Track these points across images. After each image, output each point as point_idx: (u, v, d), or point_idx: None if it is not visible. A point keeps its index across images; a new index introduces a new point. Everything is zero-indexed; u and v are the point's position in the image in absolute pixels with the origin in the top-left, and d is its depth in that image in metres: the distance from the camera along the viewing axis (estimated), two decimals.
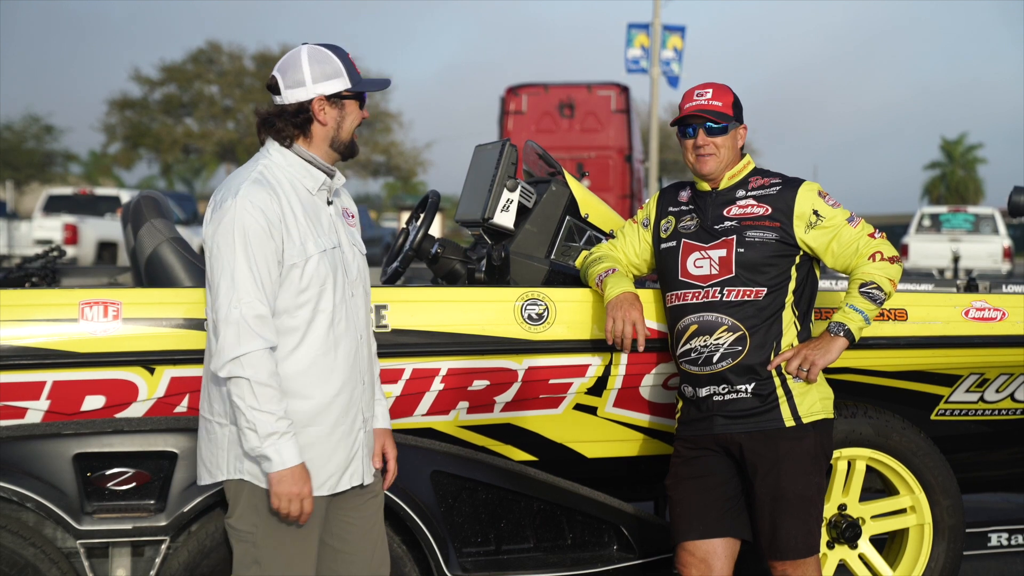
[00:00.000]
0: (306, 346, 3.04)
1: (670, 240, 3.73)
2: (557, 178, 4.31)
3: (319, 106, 3.08)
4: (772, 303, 3.58)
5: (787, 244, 3.60)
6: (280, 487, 2.95)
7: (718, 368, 3.58)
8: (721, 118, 3.65)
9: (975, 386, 4.33)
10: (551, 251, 4.20)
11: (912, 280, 5.63)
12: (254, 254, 2.96)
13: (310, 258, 3.04)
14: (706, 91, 3.70)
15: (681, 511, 3.65)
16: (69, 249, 19.45)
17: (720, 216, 3.65)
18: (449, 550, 3.77)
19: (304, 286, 3.03)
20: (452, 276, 4.38)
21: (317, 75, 3.07)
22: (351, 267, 3.19)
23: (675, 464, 3.71)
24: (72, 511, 3.50)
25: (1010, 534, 4.62)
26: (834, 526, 4.22)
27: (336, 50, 3.13)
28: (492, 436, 4.03)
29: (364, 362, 3.20)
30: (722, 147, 3.66)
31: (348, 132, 3.13)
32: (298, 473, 2.96)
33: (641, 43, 27.30)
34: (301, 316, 3.04)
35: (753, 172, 3.72)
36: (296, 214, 3.05)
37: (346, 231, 3.22)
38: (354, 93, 3.12)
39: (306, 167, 3.11)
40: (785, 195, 3.63)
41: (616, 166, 18.72)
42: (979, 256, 21.41)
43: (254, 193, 3.00)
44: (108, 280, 5.36)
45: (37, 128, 42.82)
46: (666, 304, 3.73)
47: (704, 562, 3.60)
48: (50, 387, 3.56)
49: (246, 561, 3.09)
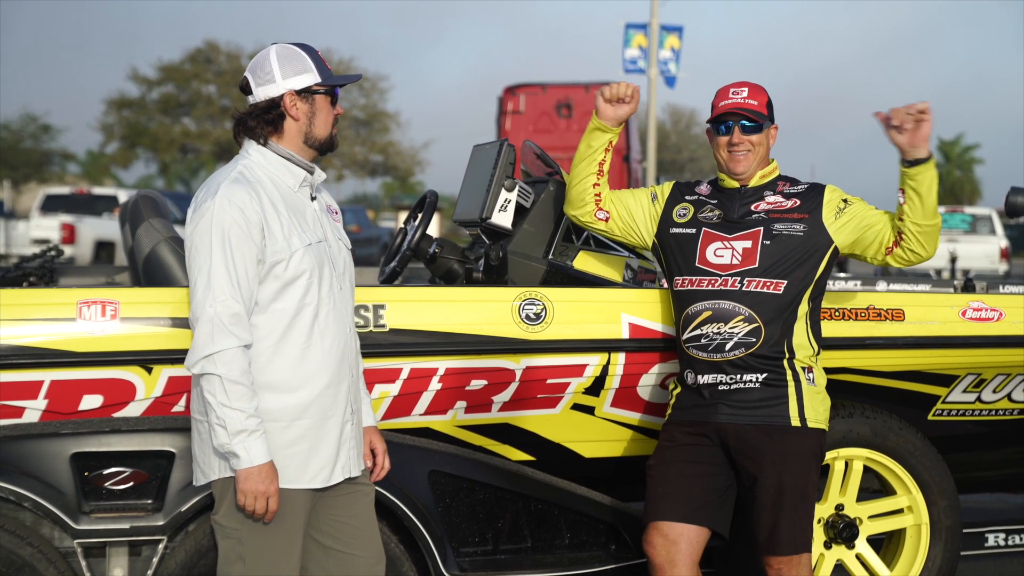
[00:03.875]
0: (292, 339, 3.07)
1: (688, 227, 3.73)
2: (555, 178, 4.31)
3: (290, 101, 3.11)
4: (791, 298, 3.59)
5: (814, 237, 3.61)
6: (246, 484, 2.98)
7: (729, 356, 3.57)
8: (757, 116, 3.68)
9: (972, 386, 4.33)
10: (549, 251, 4.20)
11: (909, 280, 5.64)
12: (231, 253, 2.98)
13: (295, 252, 3.06)
14: (742, 89, 3.72)
15: (663, 492, 3.61)
16: (67, 248, 19.42)
17: (748, 211, 3.68)
18: (447, 550, 3.78)
19: (289, 279, 3.06)
20: (450, 276, 4.38)
21: (287, 71, 3.11)
22: (338, 261, 3.21)
23: (665, 447, 3.69)
24: (69, 510, 3.50)
25: (1007, 534, 4.63)
26: (831, 526, 4.22)
27: (305, 48, 3.17)
28: (490, 436, 4.03)
29: (352, 355, 3.22)
30: (757, 146, 3.69)
31: (322, 127, 3.16)
32: (265, 471, 2.98)
33: (639, 43, 27.30)
34: (286, 309, 3.06)
35: (780, 176, 3.78)
36: (278, 210, 3.08)
37: (331, 226, 3.25)
38: (325, 88, 3.15)
39: (285, 164, 3.15)
40: (813, 191, 3.71)
41: (614, 166, 18.53)
42: (976, 256, 21.42)
43: (233, 192, 3.02)
44: (106, 279, 5.37)
45: (35, 127, 42.85)
46: (675, 287, 3.72)
47: (674, 544, 3.55)
48: (48, 386, 3.56)
49: (231, 557, 3.10)
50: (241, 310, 2.98)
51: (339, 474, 3.15)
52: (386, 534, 3.69)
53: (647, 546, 3.61)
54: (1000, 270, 21.63)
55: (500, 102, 19.32)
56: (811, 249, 3.61)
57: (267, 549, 3.09)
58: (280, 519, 3.08)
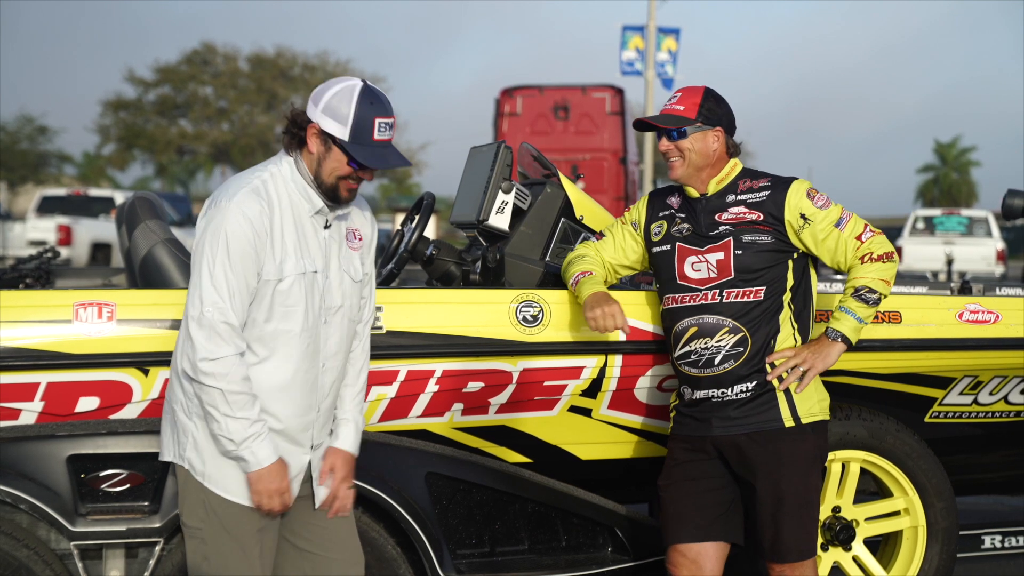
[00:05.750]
0: (268, 365, 3.05)
1: (663, 244, 3.71)
2: (552, 180, 4.31)
3: (312, 132, 3.06)
4: (771, 303, 3.58)
5: (783, 243, 3.60)
6: (259, 485, 3.02)
7: (720, 370, 3.57)
8: (675, 122, 3.60)
9: (969, 389, 4.33)
10: (546, 253, 4.20)
11: (906, 283, 5.64)
12: (234, 262, 2.98)
13: (284, 279, 3.05)
14: (676, 94, 3.66)
15: (675, 512, 3.64)
16: (63, 250, 19.41)
17: (713, 222, 3.62)
18: (444, 552, 3.77)
19: (272, 304, 3.05)
20: (447, 278, 4.38)
21: (328, 107, 3.03)
22: (333, 293, 3.16)
23: (669, 466, 3.71)
24: (66, 512, 3.50)
25: (1003, 536, 4.63)
26: (828, 528, 4.22)
27: (373, 99, 3.04)
28: (487, 438, 4.03)
29: (325, 389, 3.18)
30: (688, 151, 3.60)
31: (329, 175, 3.08)
32: (275, 470, 3.02)
33: (636, 45, 27.28)
34: (265, 334, 3.05)
35: (741, 175, 3.68)
36: (284, 232, 3.06)
37: (341, 255, 3.18)
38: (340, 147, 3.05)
39: (307, 190, 3.10)
40: (775, 198, 3.60)
41: (611, 168, 18.72)
42: (973, 259, 21.41)
43: (248, 203, 3.01)
44: (102, 281, 5.35)
45: (31, 129, 42.73)
46: (663, 307, 3.73)
47: (695, 563, 3.60)
48: (44, 388, 3.55)
49: (197, 558, 3.12)
50: (235, 320, 2.98)
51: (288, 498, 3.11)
52: (383, 536, 3.69)
53: (672, 567, 3.64)
54: (997, 272, 21.63)
55: (497, 104, 19.29)
56: (781, 253, 3.60)
57: (231, 550, 3.10)
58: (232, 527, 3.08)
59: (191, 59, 43.39)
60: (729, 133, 3.67)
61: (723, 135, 3.64)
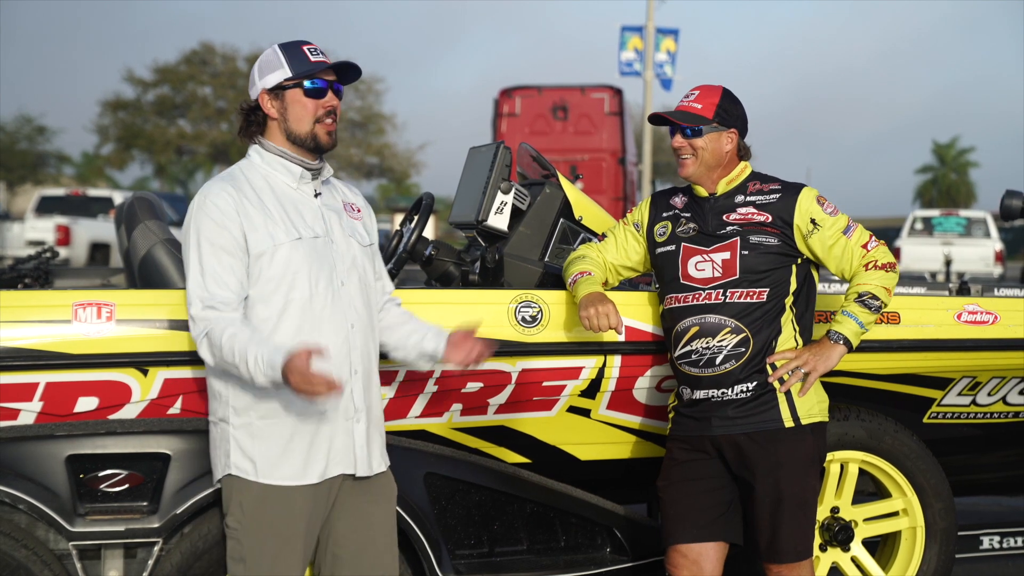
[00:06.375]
0: (282, 334, 3.09)
1: (667, 244, 3.71)
2: (551, 180, 4.31)
3: (264, 100, 3.17)
4: (774, 305, 3.58)
5: (789, 247, 3.60)
6: (291, 379, 2.90)
7: (721, 370, 3.57)
8: (693, 120, 3.61)
9: (967, 389, 4.34)
10: (545, 253, 4.20)
11: (904, 283, 5.63)
12: (207, 247, 3.07)
13: (280, 246, 3.10)
14: (693, 92, 3.68)
15: (674, 513, 3.65)
16: (62, 250, 19.40)
17: (721, 222, 3.63)
18: (442, 552, 3.77)
19: (274, 274, 3.10)
20: (446, 278, 4.38)
21: (263, 72, 3.18)
22: (344, 257, 3.22)
23: (668, 466, 3.71)
24: (65, 513, 3.50)
25: (1002, 537, 4.64)
26: (827, 529, 4.22)
27: (292, 44, 3.18)
28: (485, 438, 4.03)
29: (357, 351, 3.21)
30: (702, 150, 3.61)
31: (299, 122, 3.16)
32: (292, 361, 2.90)
33: (635, 46, 27.31)
34: (273, 305, 3.10)
35: (751, 177, 3.70)
36: (265, 204, 3.13)
37: (343, 223, 3.26)
38: (292, 83, 3.14)
39: (282, 162, 3.20)
40: (785, 202, 3.61)
41: (609, 168, 18.73)
42: (971, 259, 21.42)
43: (212, 188, 3.14)
44: (101, 281, 5.35)
45: (30, 129, 42.74)
46: (664, 307, 3.73)
47: (696, 563, 3.60)
48: (43, 388, 3.55)
49: (234, 557, 3.17)
50: (212, 299, 3.05)
51: (335, 468, 3.16)
52: None
53: (671, 567, 3.65)
54: (995, 273, 21.64)
55: (496, 104, 19.30)
56: (786, 257, 3.61)
57: (264, 550, 3.11)
58: (276, 520, 3.08)
59: (190, 59, 43.34)
60: (742, 136, 3.70)
61: (736, 137, 3.67)
